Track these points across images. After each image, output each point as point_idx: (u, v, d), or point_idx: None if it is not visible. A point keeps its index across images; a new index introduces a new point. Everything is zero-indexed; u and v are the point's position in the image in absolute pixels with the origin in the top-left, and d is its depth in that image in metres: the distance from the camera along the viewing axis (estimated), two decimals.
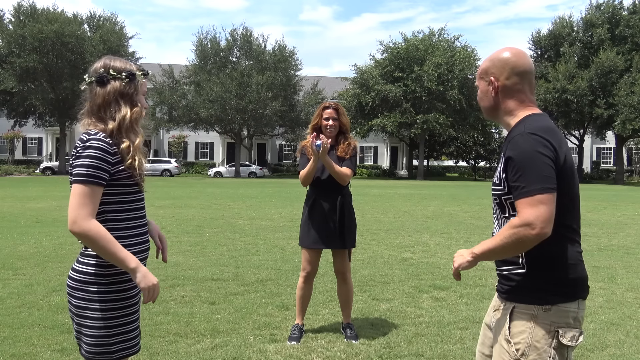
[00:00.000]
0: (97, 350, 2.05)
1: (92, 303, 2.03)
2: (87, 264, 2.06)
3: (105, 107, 2.07)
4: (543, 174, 1.77)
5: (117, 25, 45.00)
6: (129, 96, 2.10)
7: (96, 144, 1.99)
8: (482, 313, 4.83)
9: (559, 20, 47.19)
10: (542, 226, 1.74)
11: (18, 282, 5.77)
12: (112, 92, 2.07)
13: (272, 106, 42.03)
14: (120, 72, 2.09)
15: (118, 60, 2.13)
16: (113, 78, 2.08)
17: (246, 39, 45.44)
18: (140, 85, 2.15)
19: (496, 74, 1.98)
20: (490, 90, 1.99)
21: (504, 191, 1.88)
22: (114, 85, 2.07)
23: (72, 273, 2.09)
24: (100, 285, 2.04)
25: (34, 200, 16.66)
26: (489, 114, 2.06)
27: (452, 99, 42.26)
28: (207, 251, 7.87)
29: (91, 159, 1.96)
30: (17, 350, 3.79)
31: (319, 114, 4.24)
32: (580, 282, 1.90)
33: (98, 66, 2.10)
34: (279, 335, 4.19)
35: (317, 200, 4.13)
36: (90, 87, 2.10)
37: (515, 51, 1.99)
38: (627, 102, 40.29)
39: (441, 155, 54.65)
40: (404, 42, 44.87)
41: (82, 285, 2.04)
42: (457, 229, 10.95)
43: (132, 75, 2.11)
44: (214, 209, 14.37)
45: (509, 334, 1.88)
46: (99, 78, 2.07)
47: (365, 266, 6.89)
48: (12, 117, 43.54)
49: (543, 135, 1.82)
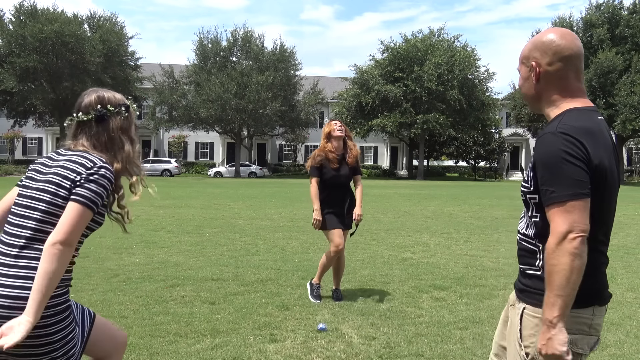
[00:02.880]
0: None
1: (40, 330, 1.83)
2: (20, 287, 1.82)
3: (110, 145, 2.05)
4: (575, 178, 1.64)
5: (117, 25, 44.98)
6: (128, 130, 2.10)
7: (110, 175, 1.97)
8: (482, 313, 4.84)
9: (558, 20, 47.20)
10: (581, 228, 1.63)
11: None
12: (114, 129, 2.05)
13: (272, 106, 42.02)
14: (117, 107, 2.07)
15: (109, 92, 2.10)
16: (112, 114, 2.05)
17: (246, 38, 45.46)
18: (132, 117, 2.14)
19: (538, 59, 1.81)
20: (532, 76, 1.83)
21: (530, 190, 1.79)
22: (114, 121, 2.05)
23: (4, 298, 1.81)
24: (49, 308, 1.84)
25: None
26: (531, 103, 1.90)
27: (452, 99, 42.24)
28: (207, 251, 7.87)
29: (103, 188, 1.94)
30: None
31: (328, 125, 5.43)
32: (595, 290, 1.79)
33: (93, 100, 2.04)
34: (279, 335, 4.19)
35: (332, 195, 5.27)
36: (87, 123, 2.04)
37: (561, 32, 1.81)
38: (627, 102, 40.30)
39: (441, 155, 54.63)
40: (404, 42, 44.87)
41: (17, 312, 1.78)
42: (457, 229, 10.95)
43: (128, 108, 2.11)
44: (214, 209, 14.37)
45: (520, 336, 1.82)
46: (98, 116, 2.03)
47: (365, 266, 6.89)
48: (12, 117, 43.54)
49: (575, 136, 1.68)
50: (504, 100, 50.21)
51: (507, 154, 53.16)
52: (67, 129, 2.12)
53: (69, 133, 2.10)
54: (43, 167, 2.02)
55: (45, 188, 1.94)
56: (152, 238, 8.92)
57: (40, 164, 2.04)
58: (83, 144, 2.04)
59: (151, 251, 7.73)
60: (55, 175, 1.95)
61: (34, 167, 2.05)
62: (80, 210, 1.88)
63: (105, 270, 6.31)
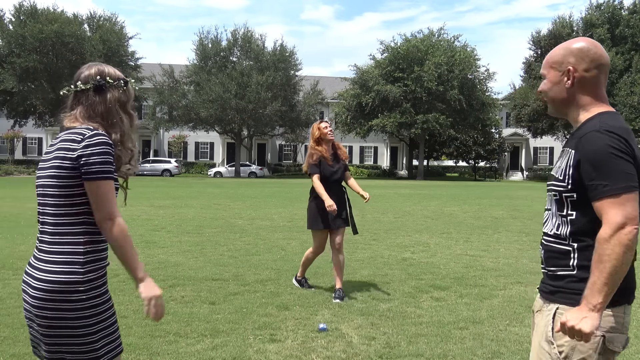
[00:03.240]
0: (90, 357, 1.95)
1: (74, 312, 1.91)
2: (63, 272, 1.91)
3: (106, 115, 2.05)
4: (626, 172, 1.69)
5: (117, 25, 45.01)
6: (124, 105, 2.11)
7: (104, 139, 1.96)
8: (482, 313, 4.84)
9: (558, 20, 47.23)
10: (634, 221, 1.66)
11: (18, 282, 5.77)
12: (112, 101, 2.06)
13: (272, 106, 42.02)
14: (116, 80, 2.09)
15: (109, 67, 2.11)
16: (111, 86, 2.07)
17: (247, 38, 45.45)
18: (131, 93, 2.16)
19: (575, 64, 1.85)
20: (565, 80, 1.87)
21: (567, 189, 1.80)
22: (113, 93, 2.07)
23: (44, 284, 1.91)
24: (80, 292, 1.91)
25: (34, 200, 16.57)
26: (558, 106, 1.93)
27: (452, 99, 42.25)
28: (207, 251, 7.87)
29: (106, 154, 1.95)
30: (17, 350, 3.79)
31: (317, 128, 5.55)
32: (628, 288, 1.82)
33: (93, 72, 2.06)
34: (279, 335, 4.19)
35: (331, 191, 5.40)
36: (85, 93, 2.05)
37: (593, 42, 1.88)
38: (627, 102, 40.32)
39: (441, 155, 54.63)
40: (404, 42, 44.87)
41: (61, 295, 1.90)
42: (457, 229, 10.95)
43: (126, 83, 2.13)
44: (214, 209, 14.37)
45: (552, 335, 1.81)
46: (97, 86, 2.05)
47: (365, 266, 6.89)
48: (12, 117, 43.57)
49: (619, 134, 1.73)
50: (504, 100, 50.21)
51: (507, 154, 53.15)
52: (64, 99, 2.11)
53: (66, 105, 2.11)
54: (46, 154, 2.05)
55: (51, 174, 1.97)
56: (152, 238, 8.92)
57: (45, 153, 2.07)
58: (78, 115, 2.04)
59: (151, 251, 7.73)
60: (55, 159, 1.97)
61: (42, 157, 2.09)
62: (101, 185, 1.92)
63: None
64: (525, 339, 4.14)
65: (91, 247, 1.98)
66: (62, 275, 1.91)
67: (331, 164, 5.50)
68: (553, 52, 1.93)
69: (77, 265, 1.93)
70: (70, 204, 1.95)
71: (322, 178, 5.44)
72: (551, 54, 1.94)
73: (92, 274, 1.96)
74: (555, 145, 52.36)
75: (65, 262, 1.93)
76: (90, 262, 1.96)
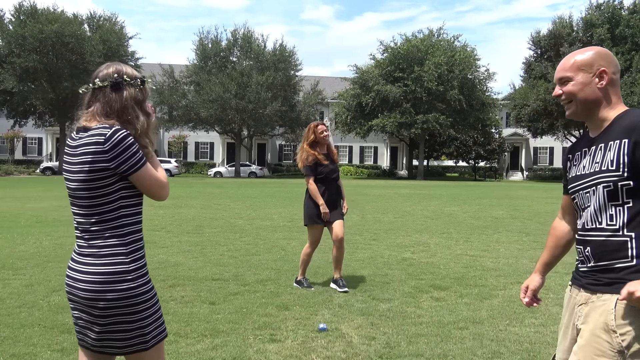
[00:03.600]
0: (135, 342, 2.09)
1: (125, 300, 2.05)
2: (109, 264, 2.05)
3: (122, 113, 2.11)
4: None
5: (117, 26, 45.02)
6: (141, 103, 2.17)
7: (123, 132, 2.04)
8: (482, 313, 4.84)
9: (558, 20, 47.22)
10: None
11: (18, 282, 5.77)
12: (128, 98, 2.12)
13: (272, 106, 42.03)
14: (133, 79, 2.14)
15: (127, 66, 2.19)
16: (128, 84, 2.13)
17: (247, 39, 45.46)
18: (147, 92, 2.23)
19: (606, 67, 1.97)
20: (597, 81, 1.97)
21: (624, 177, 1.85)
22: (129, 91, 2.13)
23: (94, 277, 2.05)
24: (129, 281, 2.06)
25: (34, 200, 16.67)
26: (588, 107, 2.01)
27: (452, 99, 42.26)
28: (207, 251, 7.87)
29: (133, 145, 2.05)
30: (17, 350, 3.79)
31: (313, 131, 5.67)
32: None
33: (110, 71, 2.13)
34: (279, 335, 4.19)
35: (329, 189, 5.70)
36: (102, 91, 2.11)
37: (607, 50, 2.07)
38: (627, 102, 40.26)
39: (441, 155, 54.66)
40: (404, 42, 44.88)
41: (111, 286, 2.03)
42: (457, 229, 10.95)
43: (143, 82, 2.19)
44: (214, 209, 14.37)
45: (614, 324, 1.83)
46: (114, 83, 2.10)
47: (365, 266, 6.89)
48: (12, 117, 43.57)
49: None
50: (504, 100, 50.22)
51: (507, 154, 53.18)
52: (82, 97, 2.18)
53: (83, 102, 2.17)
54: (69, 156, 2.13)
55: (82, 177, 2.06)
56: (152, 238, 8.92)
57: (66, 152, 2.15)
58: (95, 112, 2.10)
59: (151, 251, 7.73)
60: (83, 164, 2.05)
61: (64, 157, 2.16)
62: (142, 173, 2.07)
63: None
64: (525, 339, 4.14)
65: (132, 237, 2.10)
66: (110, 266, 2.04)
67: (326, 163, 5.69)
68: (579, 56, 2.01)
69: (123, 256, 2.06)
70: (108, 201, 2.06)
71: (322, 177, 5.65)
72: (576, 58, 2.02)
73: (136, 264, 2.09)
74: (555, 145, 52.38)
75: (112, 254, 2.05)
76: (133, 252, 2.09)
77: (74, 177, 2.08)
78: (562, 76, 2.03)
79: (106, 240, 2.06)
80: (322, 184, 5.68)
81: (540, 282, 2.29)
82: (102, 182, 2.04)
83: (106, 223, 2.06)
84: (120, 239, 2.07)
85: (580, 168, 2.00)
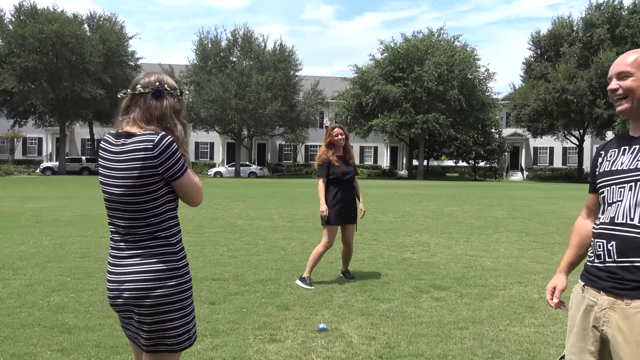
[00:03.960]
0: (184, 339, 2.18)
1: (173, 297, 2.12)
2: (160, 262, 2.13)
3: (162, 120, 2.18)
4: None
5: (117, 25, 45.02)
6: (178, 113, 2.25)
7: (170, 138, 2.12)
8: (482, 313, 4.84)
9: (558, 20, 47.23)
10: None
11: (18, 282, 5.77)
12: (168, 107, 2.19)
13: (272, 106, 42.02)
14: (173, 89, 2.23)
15: (167, 76, 2.28)
16: (168, 93, 2.21)
17: (247, 38, 45.45)
18: (184, 103, 2.33)
19: None
20: None
21: None
22: (169, 100, 2.21)
23: (144, 275, 2.12)
24: (176, 278, 2.14)
25: (34, 200, 16.67)
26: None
27: (452, 99, 42.26)
28: (207, 251, 7.87)
29: (177, 152, 2.13)
30: (17, 350, 3.79)
31: (329, 133, 5.96)
32: None
33: (153, 79, 2.21)
34: (279, 335, 4.19)
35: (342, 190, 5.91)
36: (143, 97, 2.18)
37: None
38: None
39: (441, 155, 54.66)
40: (404, 42, 44.88)
41: (161, 282, 2.11)
42: (457, 229, 10.95)
43: (182, 93, 2.29)
44: (214, 209, 14.37)
45: None
46: (156, 91, 2.18)
47: (365, 266, 6.89)
48: (12, 117, 43.56)
49: None
50: (504, 100, 50.23)
51: (507, 154, 53.18)
52: (119, 101, 2.24)
53: (120, 107, 2.22)
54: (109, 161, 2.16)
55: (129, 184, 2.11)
56: None
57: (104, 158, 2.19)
58: (136, 118, 2.16)
59: None
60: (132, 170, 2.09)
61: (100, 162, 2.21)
62: (185, 179, 2.15)
63: (105, 270, 6.29)
64: (525, 339, 4.14)
65: (178, 237, 2.21)
66: (161, 264, 2.13)
67: (338, 164, 5.89)
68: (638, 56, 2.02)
69: (172, 255, 2.15)
70: (157, 205, 2.13)
71: (334, 178, 5.87)
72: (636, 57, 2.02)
73: (183, 261, 2.20)
74: (555, 145, 52.40)
75: (162, 253, 2.14)
76: (181, 250, 2.20)
77: (118, 183, 2.12)
78: (621, 70, 2.00)
79: (156, 241, 2.13)
80: (334, 185, 5.89)
81: (566, 283, 2.23)
82: (150, 187, 2.10)
83: (155, 225, 2.13)
84: (169, 239, 2.15)
85: (618, 164, 1.97)
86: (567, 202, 19.10)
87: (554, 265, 7.09)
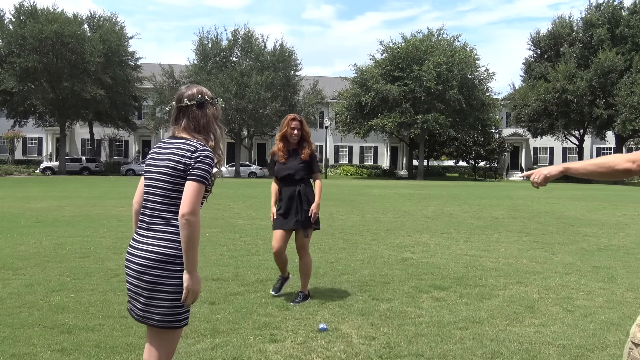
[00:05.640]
0: (171, 319, 2.40)
1: (169, 279, 2.36)
2: (166, 247, 2.38)
3: (207, 127, 2.53)
4: None
5: (117, 25, 45.01)
6: (217, 119, 2.58)
7: (211, 155, 2.44)
8: (482, 313, 4.84)
9: (558, 21, 47.24)
10: None
11: (18, 282, 5.77)
12: (210, 115, 2.54)
13: (272, 106, 42.02)
14: (212, 99, 2.56)
15: (204, 87, 2.60)
16: (209, 103, 2.55)
17: (247, 38, 45.45)
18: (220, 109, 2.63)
19: None
20: None
21: None
22: (211, 109, 2.55)
23: (148, 254, 2.38)
24: (177, 264, 2.37)
25: (34, 200, 16.67)
26: None
27: (452, 99, 42.25)
28: (207, 251, 7.86)
29: (208, 165, 2.41)
30: (17, 350, 3.79)
31: (287, 124, 5.12)
32: None
33: (195, 92, 2.54)
34: (279, 335, 4.19)
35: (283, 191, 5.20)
36: (189, 108, 2.52)
37: None
38: (627, 102, 40.31)
39: (441, 155, 54.66)
40: (404, 42, 44.87)
41: (161, 264, 2.36)
42: (457, 229, 10.95)
43: (218, 101, 2.61)
44: (214, 209, 14.36)
45: None
46: (199, 102, 2.52)
47: (365, 266, 6.89)
48: (12, 117, 43.56)
49: None
50: (504, 100, 50.23)
51: (507, 154, 53.18)
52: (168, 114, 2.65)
53: (171, 118, 2.61)
54: (158, 154, 2.52)
55: (164, 171, 2.44)
56: None
57: (155, 152, 2.56)
58: (185, 127, 2.52)
59: None
60: (170, 160, 2.43)
61: (150, 156, 2.57)
62: (197, 186, 2.36)
63: (106, 270, 6.31)
64: (525, 339, 4.14)
65: None
66: (166, 248, 2.38)
67: (283, 160, 5.13)
68: None
69: (178, 243, 2.37)
70: (177, 197, 2.40)
71: (278, 179, 5.24)
72: None
73: None
74: (555, 145, 52.40)
75: (170, 239, 2.39)
76: None
77: (157, 170, 2.46)
78: None
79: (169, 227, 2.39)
80: (281, 185, 5.23)
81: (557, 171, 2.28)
82: (178, 179, 2.40)
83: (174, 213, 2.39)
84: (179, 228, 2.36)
85: None
86: (567, 202, 19.09)
87: (554, 265, 7.09)
